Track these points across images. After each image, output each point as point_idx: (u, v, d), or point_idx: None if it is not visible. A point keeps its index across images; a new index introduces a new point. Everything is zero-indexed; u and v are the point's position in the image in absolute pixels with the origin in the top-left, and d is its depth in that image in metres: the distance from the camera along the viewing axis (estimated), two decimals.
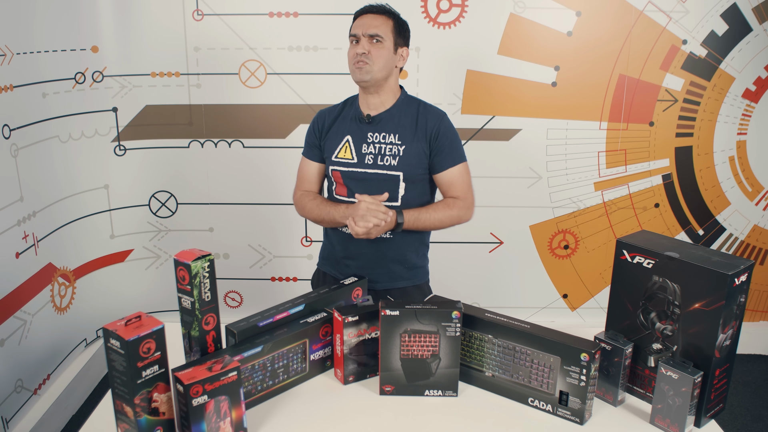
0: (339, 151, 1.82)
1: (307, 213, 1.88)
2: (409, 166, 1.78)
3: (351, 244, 1.85)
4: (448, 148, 1.80)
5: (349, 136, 1.82)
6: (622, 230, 2.97)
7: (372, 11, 1.78)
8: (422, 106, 1.84)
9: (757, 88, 2.80)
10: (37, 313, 2.43)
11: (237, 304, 3.10)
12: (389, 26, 1.77)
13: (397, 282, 1.90)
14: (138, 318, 1.23)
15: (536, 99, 2.79)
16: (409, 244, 1.87)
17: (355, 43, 1.78)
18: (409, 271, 1.91)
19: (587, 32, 2.71)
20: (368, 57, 1.74)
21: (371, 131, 1.81)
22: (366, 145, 1.80)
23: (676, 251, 1.37)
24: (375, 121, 1.81)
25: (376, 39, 1.74)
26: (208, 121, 2.82)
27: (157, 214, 2.94)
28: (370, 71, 1.75)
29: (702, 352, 1.34)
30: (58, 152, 2.58)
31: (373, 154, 1.79)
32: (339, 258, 1.91)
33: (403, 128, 1.79)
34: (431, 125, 1.79)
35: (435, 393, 1.49)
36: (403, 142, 1.78)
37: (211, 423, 1.24)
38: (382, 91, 1.81)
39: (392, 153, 1.78)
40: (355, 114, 1.85)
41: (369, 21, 1.76)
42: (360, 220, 1.66)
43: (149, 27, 2.69)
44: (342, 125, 1.85)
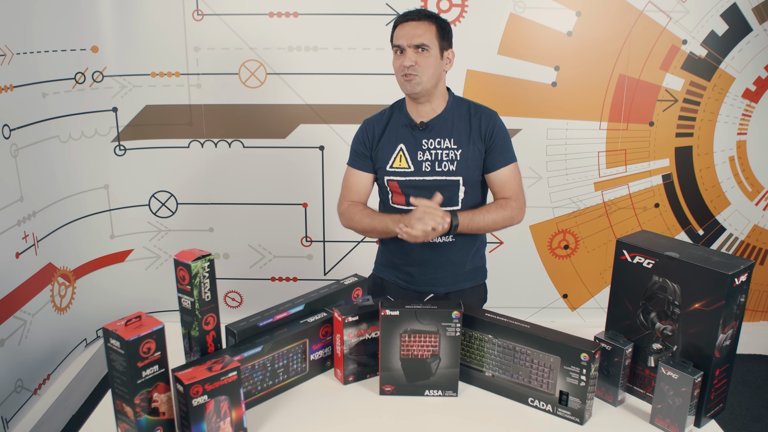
0: (394, 161, 1.78)
1: (356, 224, 1.82)
2: (467, 169, 1.76)
3: (413, 251, 1.83)
4: (501, 147, 1.77)
5: (403, 145, 1.77)
6: (622, 230, 2.97)
7: (414, 18, 1.70)
8: (473, 106, 1.80)
9: (757, 88, 2.80)
10: (37, 313, 2.43)
11: (237, 304, 3.10)
12: (433, 32, 1.70)
13: (460, 284, 1.89)
14: (138, 318, 1.23)
15: (536, 99, 2.79)
16: (470, 245, 1.86)
17: (400, 53, 1.71)
18: (471, 273, 1.90)
19: (587, 32, 2.71)
20: (416, 69, 1.68)
21: (425, 138, 1.76)
22: (421, 152, 1.76)
23: (676, 251, 1.37)
24: (428, 127, 1.76)
25: (422, 48, 1.68)
26: (208, 121, 2.82)
27: (157, 214, 2.94)
28: (420, 82, 1.70)
29: (702, 352, 1.34)
30: (58, 152, 2.58)
31: (430, 161, 1.76)
32: (399, 265, 1.89)
33: (458, 132, 1.76)
34: (485, 125, 1.76)
35: (435, 393, 1.49)
36: (460, 146, 1.75)
37: (211, 423, 1.24)
38: (433, 98, 1.77)
39: (449, 158, 1.75)
40: (405, 121, 1.79)
41: (412, 30, 1.68)
42: (417, 223, 1.62)
43: (149, 27, 2.69)
44: (393, 134, 1.79)
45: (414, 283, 1.87)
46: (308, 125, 2.82)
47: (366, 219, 1.80)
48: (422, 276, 1.85)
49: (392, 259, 1.90)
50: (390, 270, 1.92)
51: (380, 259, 1.97)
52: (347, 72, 2.75)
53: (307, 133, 2.83)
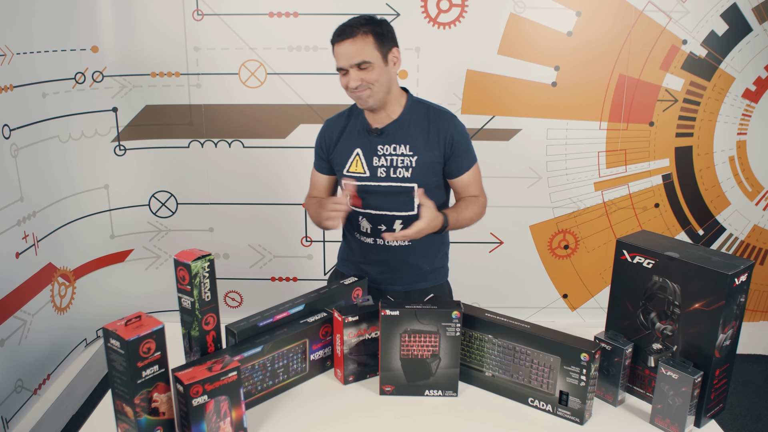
0: (350, 165, 1.78)
1: (311, 217, 1.88)
2: (423, 176, 1.74)
3: (370, 252, 1.85)
4: (463, 152, 1.76)
5: (359, 149, 1.77)
6: (622, 230, 2.97)
7: (347, 36, 1.64)
8: (431, 110, 1.77)
9: (757, 88, 2.80)
10: (37, 313, 2.43)
11: (237, 304, 3.10)
12: (370, 43, 1.64)
13: (419, 284, 1.89)
14: (138, 318, 1.23)
15: (536, 99, 2.79)
16: (428, 247, 1.85)
17: (345, 74, 1.67)
18: (430, 273, 1.91)
19: (587, 32, 2.71)
20: (364, 85, 1.65)
21: (381, 143, 1.75)
22: (377, 158, 1.75)
23: (676, 251, 1.37)
24: (384, 133, 1.75)
25: (363, 65, 1.64)
26: (208, 121, 2.82)
27: (157, 214, 2.94)
28: (371, 95, 1.68)
29: (702, 352, 1.34)
30: (58, 152, 2.58)
31: (385, 167, 1.74)
32: (358, 263, 1.91)
33: (414, 138, 1.74)
34: (444, 132, 1.74)
35: (435, 393, 1.49)
36: (415, 153, 1.73)
37: (211, 423, 1.24)
38: (388, 105, 1.74)
39: (404, 165, 1.73)
40: (362, 126, 1.78)
41: (348, 49, 1.63)
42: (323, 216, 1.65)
43: (149, 27, 2.69)
44: (350, 138, 1.79)
45: (372, 281, 1.87)
46: (308, 125, 2.82)
47: (313, 212, 1.84)
48: (379, 275, 1.86)
49: (351, 256, 1.92)
50: (350, 265, 1.93)
51: (342, 254, 1.99)
52: None
53: (307, 133, 2.83)
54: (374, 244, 1.82)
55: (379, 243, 1.81)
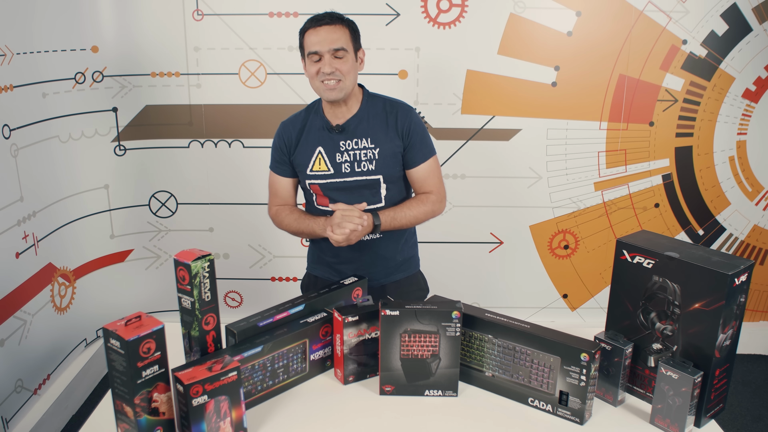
0: (313, 164, 1.79)
1: (285, 227, 1.86)
2: (387, 167, 1.77)
3: (342, 251, 1.85)
4: (420, 143, 1.79)
5: (321, 148, 1.78)
6: (622, 230, 2.97)
7: (327, 22, 1.67)
8: (387, 103, 1.81)
9: (757, 88, 2.80)
10: (37, 313, 2.43)
11: (237, 304, 3.10)
12: (347, 35, 1.70)
13: (393, 276, 1.92)
14: (138, 318, 1.23)
15: (536, 99, 2.79)
16: (398, 237, 1.88)
17: (317, 61, 1.68)
18: (402, 264, 1.93)
19: (587, 32, 2.71)
20: (337, 74, 1.67)
21: (343, 139, 1.77)
22: (339, 154, 1.76)
23: (676, 251, 1.37)
24: (345, 129, 1.77)
25: (339, 56, 1.67)
26: (208, 121, 2.82)
27: (157, 214, 2.94)
28: (344, 88, 1.70)
29: (702, 352, 1.34)
30: (58, 152, 2.58)
31: (349, 162, 1.76)
32: (331, 264, 1.91)
33: (374, 130, 1.77)
34: (401, 122, 1.77)
35: (435, 393, 1.49)
36: (377, 145, 1.76)
37: (211, 423, 1.24)
38: (349, 100, 1.77)
39: (368, 158, 1.76)
40: (322, 124, 1.79)
41: (328, 34, 1.66)
42: (336, 228, 1.66)
43: (149, 27, 2.69)
44: (310, 137, 1.79)
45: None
46: None
47: (294, 224, 1.82)
48: (354, 272, 1.85)
49: (323, 257, 1.92)
50: (322, 267, 1.94)
51: (312, 257, 1.99)
52: None
53: None
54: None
55: None
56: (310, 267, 2.01)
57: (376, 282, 1.89)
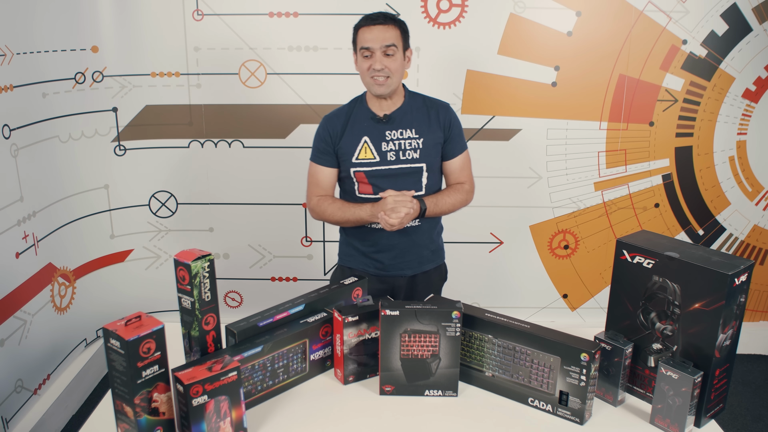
0: (359, 153, 1.87)
1: (328, 216, 1.92)
2: (429, 156, 1.89)
3: (381, 238, 1.93)
4: (458, 136, 1.93)
5: (367, 137, 1.87)
6: (622, 230, 2.97)
7: (381, 22, 1.78)
8: (427, 99, 1.94)
9: (757, 88, 2.80)
10: (37, 313, 2.43)
11: (237, 304, 3.10)
12: (398, 35, 1.80)
13: (424, 266, 2.01)
14: (138, 318, 1.23)
15: (536, 99, 2.79)
16: (433, 228, 2.00)
17: (368, 56, 1.79)
18: (433, 254, 2.03)
19: (587, 32, 2.71)
20: (386, 71, 1.78)
21: (388, 129, 1.87)
22: (385, 143, 1.87)
23: (676, 251, 1.37)
24: (391, 119, 1.87)
25: (390, 52, 1.78)
26: (208, 121, 2.82)
27: (157, 214, 2.95)
28: (391, 84, 1.81)
29: (702, 352, 1.34)
30: (58, 152, 2.58)
31: (394, 151, 1.87)
32: (367, 253, 1.97)
33: (418, 122, 1.88)
34: (443, 116, 1.90)
35: (435, 393, 1.49)
36: (421, 135, 1.88)
37: (211, 423, 1.24)
38: (394, 95, 1.88)
39: (413, 147, 1.87)
40: (367, 114, 1.89)
41: (381, 33, 1.77)
42: (392, 213, 1.75)
43: (149, 27, 2.69)
44: (355, 127, 1.88)
45: (383, 269, 1.98)
46: (308, 125, 2.82)
47: (338, 212, 1.90)
48: (391, 261, 1.96)
49: (360, 248, 1.99)
50: (359, 258, 2.00)
51: (345, 250, 2.05)
52: (347, 72, 2.75)
53: (307, 133, 2.82)
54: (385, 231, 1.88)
55: None
56: (343, 260, 2.06)
57: (409, 271, 1.98)
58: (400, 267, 1.97)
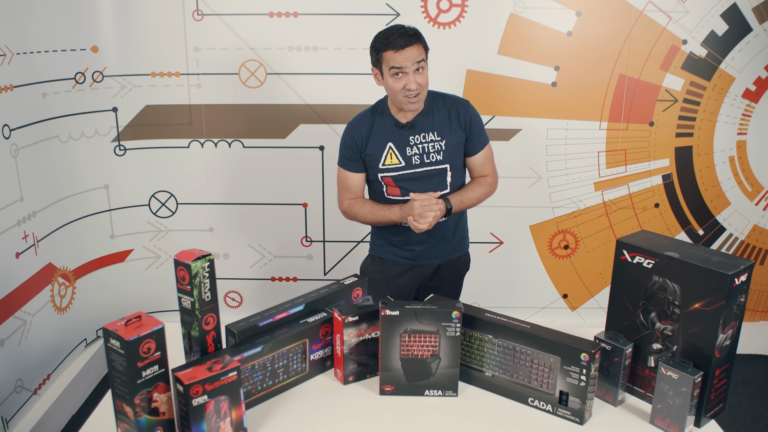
0: (385, 159, 1.94)
1: (360, 219, 2.01)
2: (452, 156, 1.95)
3: (413, 235, 2.00)
4: (479, 132, 1.99)
5: (391, 143, 1.93)
6: (622, 230, 2.97)
7: (409, 44, 1.80)
8: (447, 99, 1.98)
9: (757, 88, 2.80)
10: (37, 313, 2.43)
11: (237, 304, 3.10)
12: (423, 48, 1.84)
13: (453, 254, 2.10)
14: (138, 318, 1.23)
15: (536, 99, 2.79)
16: (459, 218, 2.08)
17: (399, 76, 1.82)
18: (459, 242, 2.11)
19: (587, 32, 2.71)
20: (419, 89, 1.83)
21: (412, 135, 1.93)
22: (409, 148, 1.93)
23: (676, 251, 1.37)
24: (413, 125, 1.93)
25: (421, 67, 1.82)
26: (208, 121, 2.82)
27: (157, 214, 2.94)
28: (422, 99, 1.88)
29: (702, 352, 1.34)
30: (58, 152, 2.58)
31: (418, 155, 1.93)
32: (398, 245, 2.06)
33: (439, 124, 1.94)
34: (463, 115, 1.95)
35: (435, 393, 1.49)
36: (443, 137, 1.93)
37: (211, 423, 1.24)
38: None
39: (436, 149, 1.93)
40: (390, 121, 1.94)
41: (411, 53, 1.80)
42: (420, 218, 1.83)
43: (149, 27, 2.69)
44: (380, 134, 1.94)
45: (414, 258, 2.06)
46: (308, 125, 2.82)
47: (369, 215, 1.98)
48: (422, 251, 2.04)
49: (392, 240, 2.07)
50: (389, 248, 2.09)
51: (377, 241, 2.14)
52: (347, 72, 2.75)
53: (307, 133, 2.83)
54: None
55: None
56: (374, 250, 2.15)
57: (437, 260, 2.07)
58: (428, 257, 2.05)
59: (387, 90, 1.89)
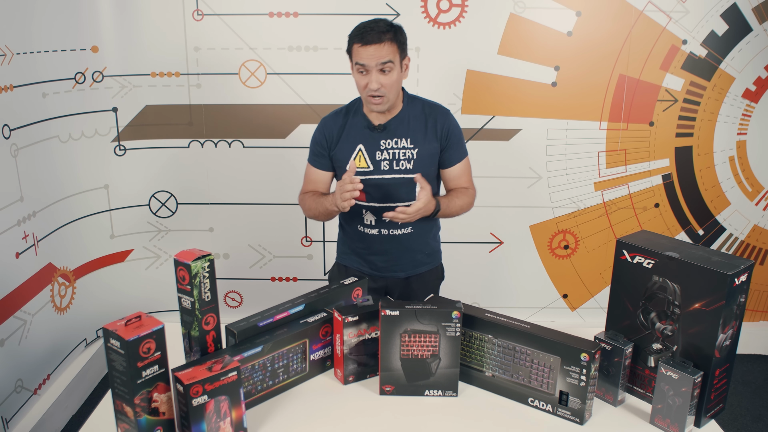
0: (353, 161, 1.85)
1: (306, 211, 1.93)
2: (424, 167, 1.83)
3: (375, 242, 1.92)
4: (457, 144, 1.87)
5: (361, 145, 1.84)
6: (622, 230, 2.97)
7: (375, 41, 1.68)
8: (426, 105, 1.87)
9: (757, 88, 2.80)
10: (37, 313, 2.43)
11: (237, 304, 3.10)
12: (395, 49, 1.72)
13: (419, 268, 1.98)
14: (138, 318, 1.23)
15: (536, 99, 2.79)
16: (428, 231, 1.96)
17: (364, 73, 1.73)
18: (428, 256, 2.00)
19: (587, 32, 2.71)
20: (382, 90, 1.73)
21: (383, 138, 1.83)
22: (380, 152, 1.83)
23: (676, 251, 1.37)
24: (386, 128, 1.83)
25: (386, 69, 1.71)
26: (208, 121, 2.82)
27: (157, 214, 2.94)
28: (387, 101, 1.77)
29: (702, 352, 1.34)
30: (58, 152, 2.58)
31: (388, 160, 1.83)
32: (362, 254, 1.97)
33: (414, 132, 1.83)
34: (440, 125, 1.84)
35: (435, 393, 1.49)
36: (416, 146, 1.83)
37: (211, 423, 1.24)
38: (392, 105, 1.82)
39: (406, 157, 1.83)
40: (363, 122, 1.85)
41: (376, 51, 1.69)
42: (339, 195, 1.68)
43: (149, 27, 2.69)
44: (351, 134, 1.85)
45: (376, 269, 1.97)
46: (308, 125, 2.82)
47: (313, 205, 1.88)
48: (383, 263, 1.95)
49: (355, 248, 1.98)
50: (353, 257, 2.00)
51: (342, 248, 2.05)
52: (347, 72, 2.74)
53: (307, 133, 2.80)
54: (378, 235, 1.90)
55: (384, 233, 1.90)
56: (340, 257, 2.06)
57: (402, 273, 1.96)
58: (391, 269, 1.95)
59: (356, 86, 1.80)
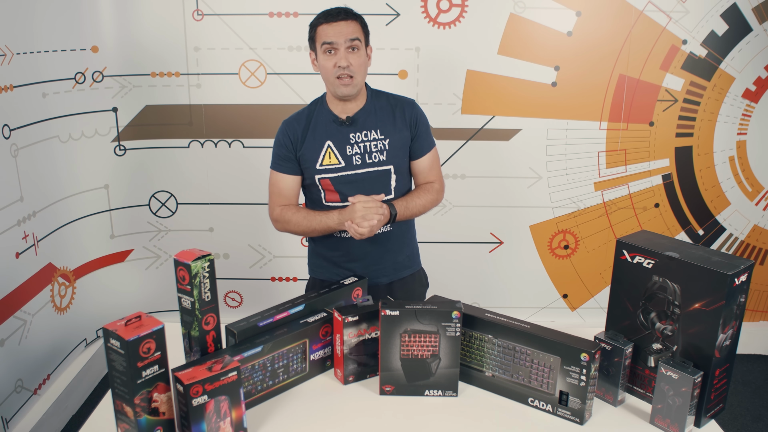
0: (323, 159, 1.77)
1: (292, 227, 1.81)
2: (397, 157, 1.80)
3: (352, 247, 1.84)
4: (425, 133, 1.85)
5: (330, 141, 1.77)
6: (622, 230, 2.97)
7: (343, 17, 1.69)
8: (391, 97, 1.85)
9: (757, 88, 2.80)
10: (37, 313, 2.43)
11: (237, 304, 3.10)
12: (360, 29, 1.72)
13: (400, 272, 1.93)
14: (138, 318, 1.23)
15: (536, 99, 2.79)
16: (405, 232, 1.92)
17: (331, 53, 1.69)
18: (408, 259, 1.95)
19: (587, 32, 2.71)
20: (351, 69, 1.69)
21: (352, 132, 1.78)
22: (350, 146, 1.77)
23: (676, 251, 1.37)
24: (354, 121, 1.78)
25: (355, 46, 1.69)
26: (208, 121, 2.82)
27: (157, 214, 2.94)
28: (357, 84, 1.73)
29: (702, 352, 1.34)
30: (58, 152, 2.58)
31: (359, 154, 1.78)
32: (339, 263, 1.89)
33: (383, 122, 1.80)
34: (408, 114, 1.82)
35: (435, 393, 1.49)
36: (387, 136, 1.79)
37: (211, 423, 1.24)
38: (358, 95, 1.79)
39: (378, 149, 1.78)
40: (329, 117, 1.79)
41: (344, 27, 1.68)
42: (362, 221, 1.66)
43: (149, 27, 2.69)
44: (317, 131, 1.78)
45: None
46: None
47: (303, 221, 1.79)
48: (364, 270, 1.85)
49: (330, 258, 1.89)
50: (329, 268, 1.91)
51: (315, 261, 1.95)
52: None
53: None
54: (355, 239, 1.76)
55: None
56: (313, 271, 1.97)
57: (384, 279, 1.90)
58: (374, 275, 1.87)
59: (322, 74, 1.74)
